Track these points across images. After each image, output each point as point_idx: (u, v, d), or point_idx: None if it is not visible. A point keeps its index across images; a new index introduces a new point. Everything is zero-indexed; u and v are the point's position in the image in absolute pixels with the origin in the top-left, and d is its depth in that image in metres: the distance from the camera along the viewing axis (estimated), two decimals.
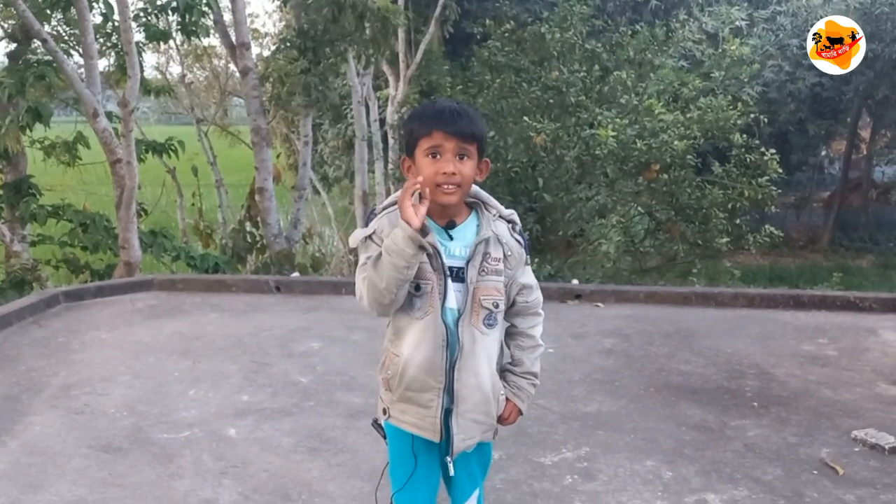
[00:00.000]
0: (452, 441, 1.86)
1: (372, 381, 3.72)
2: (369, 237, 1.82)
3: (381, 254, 1.74)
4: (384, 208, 1.87)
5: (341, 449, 3.20)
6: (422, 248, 1.71)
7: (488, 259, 1.83)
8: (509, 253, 1.87)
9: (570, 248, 9.59)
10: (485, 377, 1.86)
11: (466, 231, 1.84)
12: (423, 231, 1.70)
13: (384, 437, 1.96)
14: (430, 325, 1.81)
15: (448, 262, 1.80)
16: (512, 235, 1.88)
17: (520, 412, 1.98)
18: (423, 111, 1.86)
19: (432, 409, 1.84)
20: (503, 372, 1.97)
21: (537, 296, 1.98)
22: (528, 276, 1.95)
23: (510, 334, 1.98)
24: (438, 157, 1.76)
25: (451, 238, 1.83)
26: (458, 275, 1.82)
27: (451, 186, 1.76)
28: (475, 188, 1.86)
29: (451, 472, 1.92)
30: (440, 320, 1.80)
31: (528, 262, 1.95)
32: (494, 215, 1.87)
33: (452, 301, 1.82)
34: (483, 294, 1.82)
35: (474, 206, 1.88)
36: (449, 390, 1.83)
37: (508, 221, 1.89)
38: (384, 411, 1.93)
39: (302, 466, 3.05)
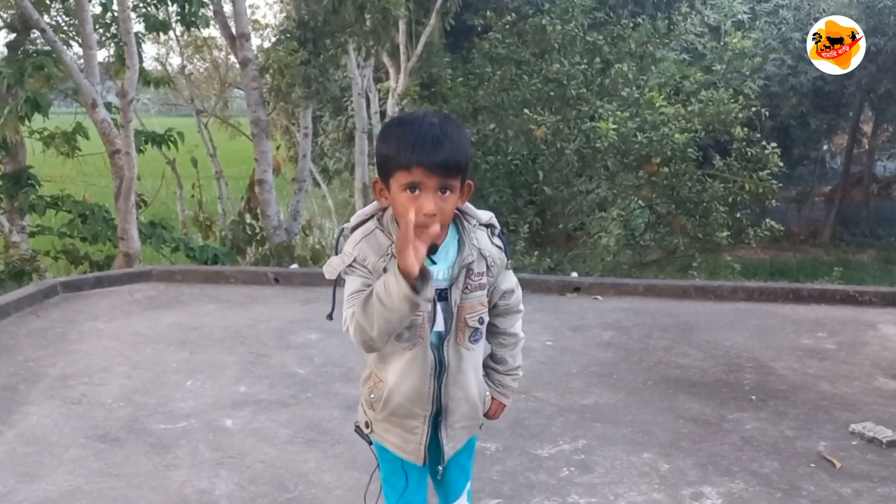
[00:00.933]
0: (443, 450, 1.81)
1: None
2: (350, 265, 1.64)
3: (370, 293, 1.56)
4: (354, 227, 1.71)
5: (338, 440, 3.20)
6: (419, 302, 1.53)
7: (471, 276, 1.72)
8: (492, 264, 1.76)
9: (571, 241, 9.57)
10: (472, 388, 1.80)
11: (448, 250, 1.70)
12: (423, 273, 1.50)
13: (370, 444, 1.89)
14: (418, 356, 1.71)
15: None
16: (492, 241, 1.76)
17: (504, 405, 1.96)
18: (401, 136, 1.58)
19: (417, 435, 1.77)
20: (486, 368, 1.91)
21: (517, 295, 1.89)
22: (509, 281, 1.85)
23: (492, 333, 1.90)
24: (417, 191, 1.56)
25: (433, 262, 1.66)
26: (442, 295, 1.71)
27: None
28: None
29: (439, 476, 1.87)
30: (430, 351, 1.71)
31: (510, 266, 1.84)
32: (474, 226, 1.73)
33: (440, 324, 1.73)
34: (468, 313, 1.73)
35: (453, 217, 1.71)
36: (436, 407, 1.77)
37: (487, 226, 1.76)
38: (367, 424, 1.84)
39: (298, 457, 3.05)
